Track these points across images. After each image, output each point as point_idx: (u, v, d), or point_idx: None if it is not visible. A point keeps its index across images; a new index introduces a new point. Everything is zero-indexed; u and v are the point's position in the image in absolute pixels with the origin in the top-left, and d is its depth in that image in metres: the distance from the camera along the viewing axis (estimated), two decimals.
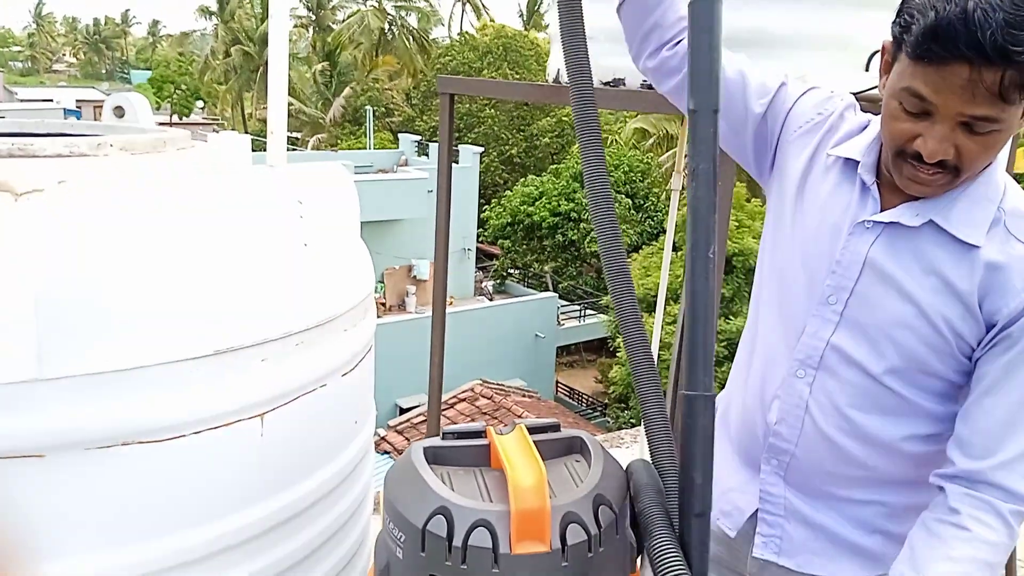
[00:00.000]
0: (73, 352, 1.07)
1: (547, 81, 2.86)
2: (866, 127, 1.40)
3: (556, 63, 2.76)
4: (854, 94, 2.24)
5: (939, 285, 1.27)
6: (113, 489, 1.14)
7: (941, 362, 1.30)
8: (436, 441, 1.27)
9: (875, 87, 2.26)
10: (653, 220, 22.50)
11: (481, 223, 23.55)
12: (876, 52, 2.38)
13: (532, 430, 1.29)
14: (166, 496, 1.19)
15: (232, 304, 1.23)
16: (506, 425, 1.26)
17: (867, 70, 2.32)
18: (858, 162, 1.35)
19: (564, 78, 2.73)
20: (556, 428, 1.32)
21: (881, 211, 1.32)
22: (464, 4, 42.45)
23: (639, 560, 1.21)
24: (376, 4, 38.72)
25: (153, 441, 1.15)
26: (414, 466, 1.21)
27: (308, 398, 1.36)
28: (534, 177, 24.13)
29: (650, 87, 2.42)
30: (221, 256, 1.28)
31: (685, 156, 3.75)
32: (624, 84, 2.35)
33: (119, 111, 1.74)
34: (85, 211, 1.15)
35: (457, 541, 1.11)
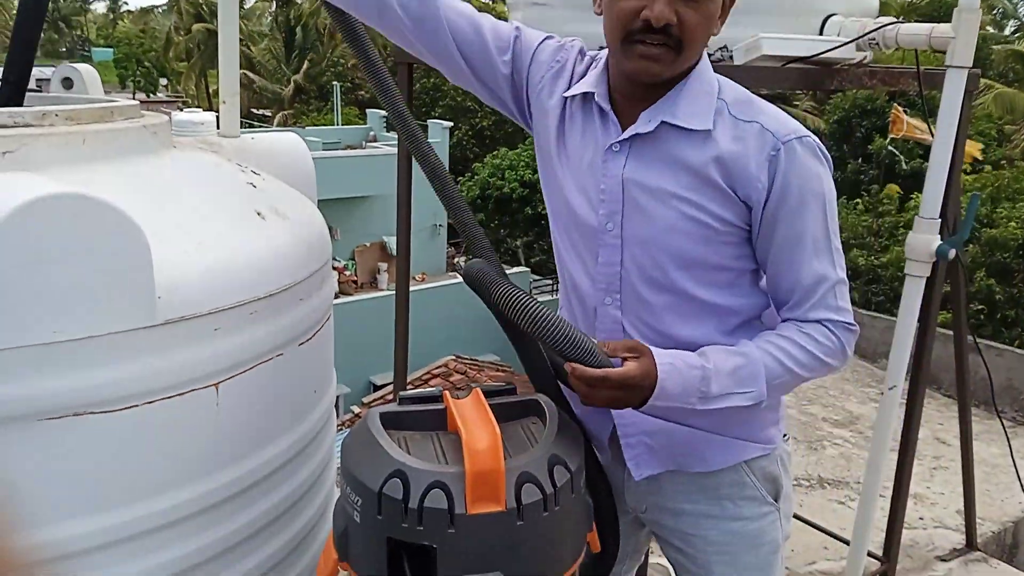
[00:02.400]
0: (19, 322, 1.06)
1: None
2: (594, 65, 1.51)
3: None
4: (808, 58, 2.28)
5: (690, 178, 1.38)
6: (66, 460, 1.13)
7: (720, 253, 1.42)
8: (393, 407, 1.28)
9: (829, 50, 2.29)
10: None
11: None
12: (830, 16, 2.41)
13: (488, 393, 1.31)
14: (122, 466, 1.19)
15: (183, 274, 1.22)
16: (462, 389, 1.27)
17: (820, 34, 2.34)
18: (594, 93, 1.45)
19: None
20: (512, 391, 1.34)
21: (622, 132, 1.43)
22: None
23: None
24: None
25: (105, 411, 1.14)
26: (370, 431, 1.22)
27: (264, 367, 1.36)
28: (506, 150, 23.99)
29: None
30: (171, 226, 1.27)
31: None
32: None
33: (67, 82, 1.71)
34: (29, 181, 1.13)
35: (413, 503, 1.12)
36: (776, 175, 1.35)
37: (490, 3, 37.85)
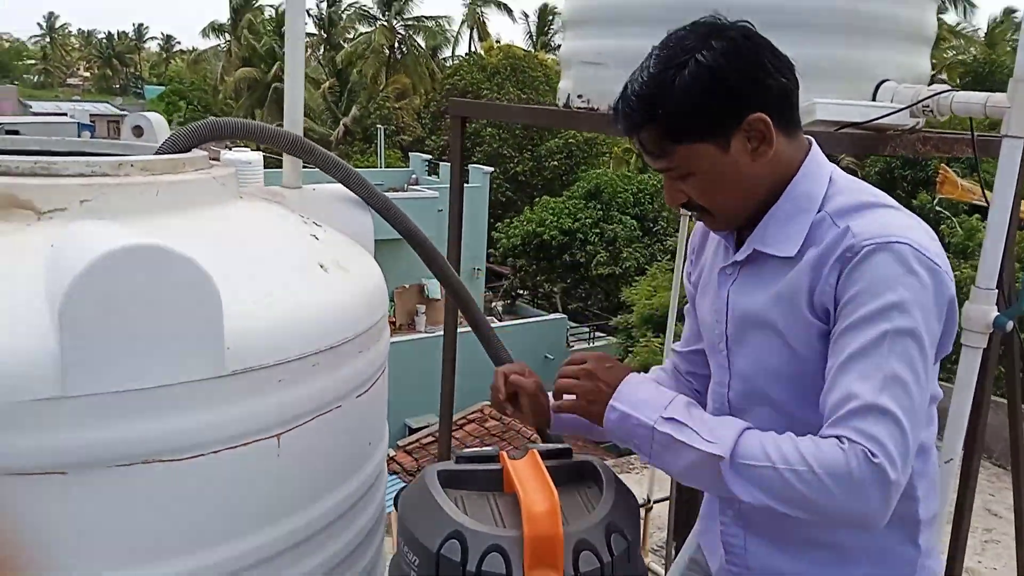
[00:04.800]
0: (96, 371, 1.08)
1: (557, 105, 2.89)
2: None
3: (567, 87, 2.81)
4: (858, 124, 2.28)
5: (780, 305, 1.33)
6: (133, 507, 1.15)
7: (818, 372, 1.29)
8: (450, 465, 1.28)
9: (882, 116, 2.29)
10: (663, 244, 22.51)
11: (491, 242, 23.59)
12: (883, 82, 2.41)
13: (544, 455, 1.30)
14: (185, 515, 1.20)
15: (251, 325, 1.24)
16: (518, 449, 1.27)
17: (873, 99, 2.34)
18: None
19: (575, 103, 2.78)
20: (568, 453, 1.33)
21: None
22: (472, 26, 42.74)
23: None
24: (385, 23, 39.02)
25: (173, 459, 1.16)
26: (428, 489, 1.22)
27: (324, 418, 1.37)
28: (548, 198, 24.16)
29: None
30: (239, 276, 1.30)
31: None
32: None
33: (138, 130, 1.77)
34: (108, 231, 1.16)
35: (471, 566, 1.12)
36: (844, 279, 1.24)
37: (531, 52, 38.49)
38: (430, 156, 27.39)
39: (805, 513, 1.18)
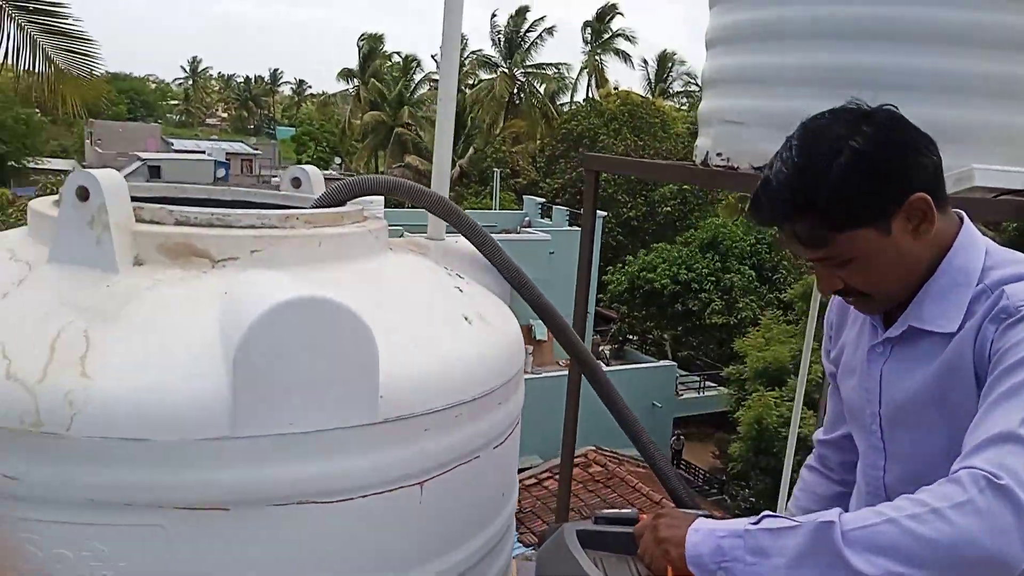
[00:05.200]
0: (263, 414, 1.15)
1: (694, 162, 2.89)
2: None
3: (705, 145, 2.80)
4: (1020, 191, 2.17)
5: (940, 383, 1.29)
6: (286, 545, 1.20)
7: None
8: (588, 525, 1.28)
9: None
10: (780, 294, 21.91)
11: (601, 286, 23.55)
12: None
13: None
14: (331, 555, 1.24)
15: (402, 374, 1.28)
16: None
17: None
18: None
19: (714, 161, 2.77)
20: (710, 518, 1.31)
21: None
22: (590, 72, 43.20)
23: None
24: (507, 71, 39.94)
25: (325, 501, 1.21)
26: (568, 549, 1.23)
27: (463, 468, 1.40)
28: (663, 245, 23.99)
29: None
30: (391, 326, 1.35)
31: None
32: None
33: (296, 182, 1.87)
34: (277, 281, 1.24)
35: None
36: (997, 338, 1.21)
37: (649, 98, 38.54)
38: (543, 199, 27.68)
39: (939, 569, 1.02)
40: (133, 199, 1.35)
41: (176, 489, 1.14)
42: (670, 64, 46.55)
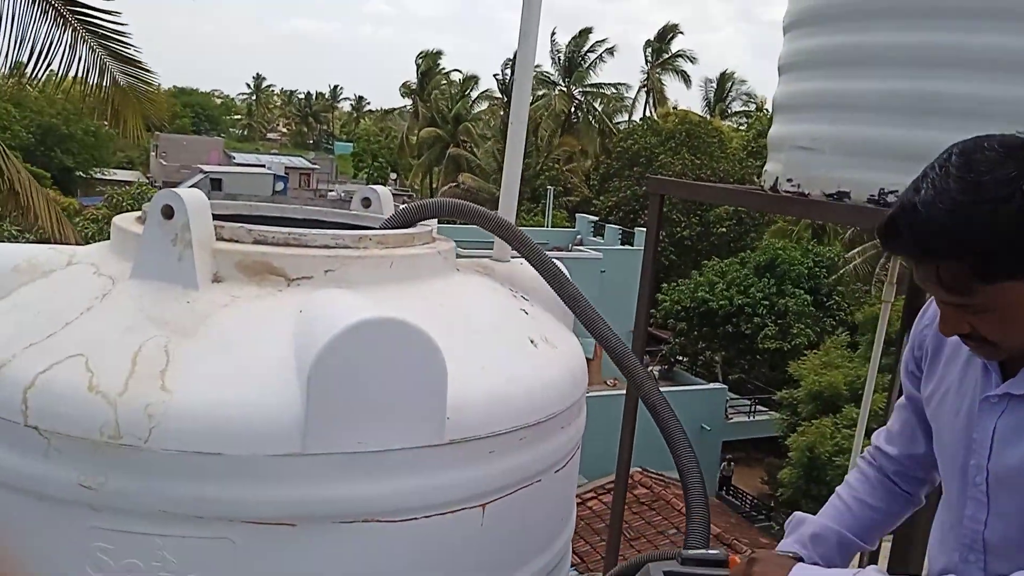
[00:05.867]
0: (333, 432, 1.16)
1: (761, 186, 2.85)
2: None
3: (775, 171, 2.78)
4: None
5: None
6: (350, 563, 1.22)
7: None
8: (674, 566, 1.27)
9: None
10: (835, 319, 21.48)
11: (653, 304, 23.37)
12: None
13: None
14: (393, 574, 1.25)
15: (469, 396, 1.29)
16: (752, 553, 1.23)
17: None
18: None
19: (783, 187, 2.73)
20: (799, 560, 1.28)
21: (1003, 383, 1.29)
22: (649, 91, 43.09)
23: None
24: (564, 88, 40.05)
25: (390, 520, 1.22)
26: None
27: (525, 491, 1.40)
28: (716, 261, 23.70)
29: (876, 202, 2.37)
30: (458, 348, 1.36)
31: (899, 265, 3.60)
32: (849, 198, 2.30)
33: (366, 201, 1.90)
34: (351, 301, 1.26)
35: None
36: None
37: (706, 118, 38.27)
38: (596, 217, 27.62)
39: None
40: (215, 217, 1.39)
41: (246, 504, 1.17)
42: (729, 84, 46.17)
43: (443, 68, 47.97)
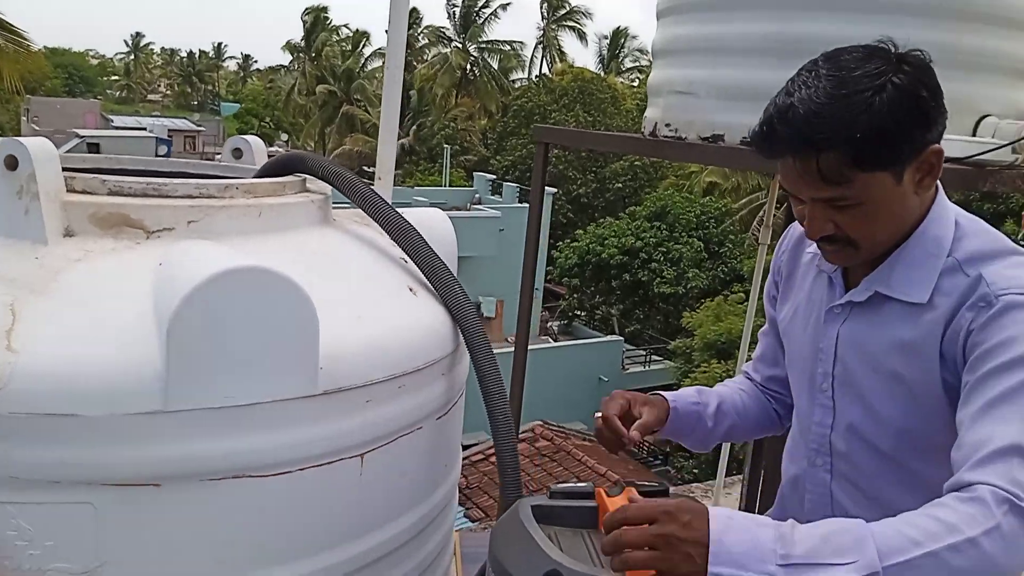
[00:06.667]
0: (197, 387, 1.12)
1: (643, 133, 2.89)
2: None
3: (654, 116, 2.80)
4: (962, 159, 2.23)
5: (903, 354, 1.29)
6: (219, 521, 1.18)
7: (934, 425, 1.26)
8: (543, 500, 1.28)
9: (984, 152, 2.23)
10: (726, 267, 22.23)
11: (550, 261, 23.64)
12: (984, 116, 2.36)
13: (642, 493, 1.29)
14: (266, 530, 1.22)
15: (343, 346, 1.26)
16: (614, 485, 1.25)
17: (974, 134, 2.29)
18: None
19: (662, 132, 2.78)
20: (665, 492, 1.31)
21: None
22: (545, 48, 43.05)
23: None
24: (460, 45, 39.58)
25: (261, 475, 1.19)
26: (522, 524, 1.21)
27: (405, 439, 1.39)
28: (610, 219, 24.12)
29: (749, 144, 2.43)
30: (333, 298, 1.33)
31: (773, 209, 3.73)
32: (723, 140, 2.35)
33: (237, 152, 1.83)
34: (214, 252, 1.20)
35: None
36: (978, 330, 1.18)
37: (601, 75, 38.57)
38: (494, 176, 27.60)
39: None
40: (66, 170, 1.30)
41: (105, 466, 1.11)
42: (622, 40, 46.61)
43: (331, 22, 46.59)
